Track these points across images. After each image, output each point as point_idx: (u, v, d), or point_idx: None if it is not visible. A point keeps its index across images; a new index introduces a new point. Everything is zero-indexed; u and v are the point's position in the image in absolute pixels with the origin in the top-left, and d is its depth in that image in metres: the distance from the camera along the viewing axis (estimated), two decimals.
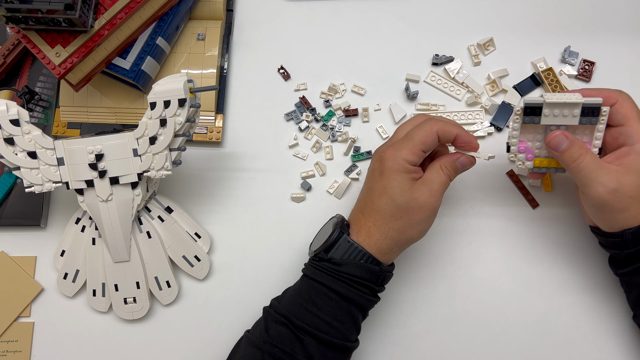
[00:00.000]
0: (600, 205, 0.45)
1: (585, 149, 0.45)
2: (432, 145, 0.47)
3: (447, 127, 0.46)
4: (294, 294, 0.49)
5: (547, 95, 0.45)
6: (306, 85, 0.62)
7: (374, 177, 0.48)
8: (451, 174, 0.47)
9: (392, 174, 0.46)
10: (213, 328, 0.56)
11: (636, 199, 0.44)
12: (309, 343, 0.45)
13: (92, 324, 0.57)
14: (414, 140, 0.46)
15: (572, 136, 0.46)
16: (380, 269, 0.47)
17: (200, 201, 0.59)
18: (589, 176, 0.45)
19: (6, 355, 0.56)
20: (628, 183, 0.44)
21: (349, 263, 0.46)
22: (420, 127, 0.47)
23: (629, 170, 0.44)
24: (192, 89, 0.50)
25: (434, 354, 0.55)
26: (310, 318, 0.46)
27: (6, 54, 0.60)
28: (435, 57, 0.62)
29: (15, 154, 0.50)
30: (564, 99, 0.44)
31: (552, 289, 0.55)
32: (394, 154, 0.46)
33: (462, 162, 0.48)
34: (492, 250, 0.57)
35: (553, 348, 0.54)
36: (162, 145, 0.50)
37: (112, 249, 0.53)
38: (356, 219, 0.49)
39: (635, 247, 0.46)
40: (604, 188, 0.44)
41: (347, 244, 0.47)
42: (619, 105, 0.46)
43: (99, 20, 0.52)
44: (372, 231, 0.47)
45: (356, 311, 0.47)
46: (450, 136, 0.47)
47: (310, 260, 0.50)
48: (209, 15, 0.62)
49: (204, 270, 0.56)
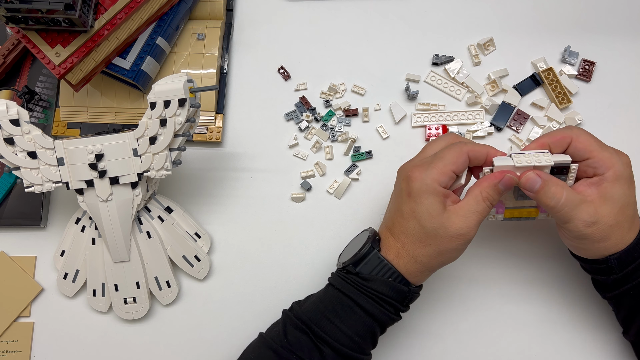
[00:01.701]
0: (582, 238, 0.45)
1: (560, 186, 0.43)
2: (463, 167, 0.45)
3: (478, 148, 0.45)
4: (317, 301, 0.48)
5: (516, 158, 0.45)
6: (306, 85, 0.62)
7: (402, 199, 0.46)
8: (493, 199, 0.44)
9: (420, 197, 0.44)
10: (213, 328, 0.56)
11: (615, 226, 0.43)
12: (328, 354, 0.45)
13: (92, 324, 0.57)
14: (445, 160, 0.44)
15: (545, 175, 0.44)
16: (409, 290, 0.45)
17: (200, 201, 0.59)
18: (569, 214, 0.43)
19: (6, 355, 0.56)
20: (606, 213, 0.43)
21: (378, 280, 0.45)
22: (451, 148, 0.45)
23: (605, 200, 0.43)
24: (192, 89, 0.50)
25: (434, 354, 0.55)
26: (331, 329, 0.45)
27: (6, 54, 0.60)
28: (435, 57, 0.62)
29: (15, 154, 0.50)
30: (534, 162, 0.44)
31: (552, 289, 0.55)
32: (422, 175, 0.44)
33: (506, 182, 0.44)
34: (492, 250, 0.57)
35: (553, 348, 0.54)
36: (162, 145, 0.50)
37: (112, 249, 0.53)
38: (385, 237, 0.47)
39: (621, 272, 0.45)
40: (583, 223, 0.43)
41: (377, 260, 0.45)
42: (575, 141, 0.44)
43: (99, 20, 0.52)
44: (401, 253, 0.45)
45: (377, 328, 0.46)
46: (481, 158, 0.45)
47: (338, 271, 0.49)
48: (209, 15, 0.62)
49: (204, 270, 0.56)
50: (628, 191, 0.44)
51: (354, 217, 0.58)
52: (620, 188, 0.43)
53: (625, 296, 0.47)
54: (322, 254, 0.57)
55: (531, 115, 0.60)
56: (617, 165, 0.44)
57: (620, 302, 0.48)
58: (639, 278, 0.45)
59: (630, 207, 0.44)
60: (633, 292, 0.46)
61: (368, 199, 0.59)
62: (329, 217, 0.58)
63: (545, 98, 0.60)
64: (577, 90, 0.60)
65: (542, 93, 0.61)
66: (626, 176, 0.44)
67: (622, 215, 0.44)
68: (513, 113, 0.60)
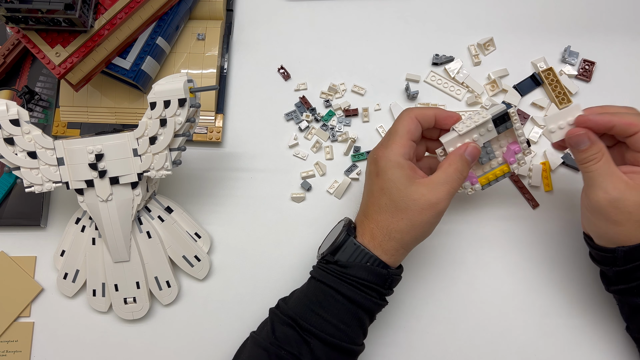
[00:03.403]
0: (598, 211, 0.45)
1: (602, 152, 0.44)
2: (417, 132, 0.47)
3: (423, 110, 0.48)
4: (301, 295, 0.49)
5: (457, 127, 0.47)
6: (306, 85, 0.62)
7: (372, 180, 0.48)
8: (462, 169, 0.46)
9: (387, 172, 0.46)
10: (213, 328, 0.56)
11: (635, 216, 0.43)
12: (316, 345, 0.45)
13: (92, 324, 0.57)
14: (399, 132, 0.47)
15: (594, 136, 0.45)
16: (388, 272, 0.46)
17: (200, 201, 0.59)
18: (596, 179, 0.44)
19: (6, 355, 0.56)
20: (631, 198, 0.43)
21: (356, 266, 0.46)
22: (399, 119, 0.48)
23: (638, 187, 0.43)
24: (192, 89, 0.50)
25: (434, 354, 0.55)
26: (316, 320, 0.46)
27: (6, 54, 0.60)
28: (435, 57, 0.62)
29: (15, 154, 0.50)
30: (473, 124, 0.46)
31: (552, 288, 0.55)
32: (385, 152, 0.47)
33: (471, 151, 0.47)
34: (492, 250, 0.57)
35: (553, 348, 0.54)
36: (162, 145, 0.50)
37: (112, 249, 0.53)
38: (360, 221, 0.48)
39: (624, 266, 0.45)
40: (605, 194, 0.44)
41: (354, 247, 0.46)
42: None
43: (99, 20, 0.52)
44: (375, 233, 0.46)
45: (363, 314, 0.47)
46: (430, 118, 0.48)
47: (318, 263, 0.50)
48: (209, 15, 0.62)
49: (204, 270, 0.56)
50: None
51: (354, 217, 0.58)
52: None
53: (629, 293, 0.47)
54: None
55: (531, 115, 0.60)
56: None
57: (622, 299, 0.48)
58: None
59: None
60: (637, 291, 0.46)
61: None
62: (329, 217, 0.58)
63: (545, 98, 0.60)
64: (577, 90, 0.60)
65: (542, 93, 0.61)
66: None
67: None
68: None
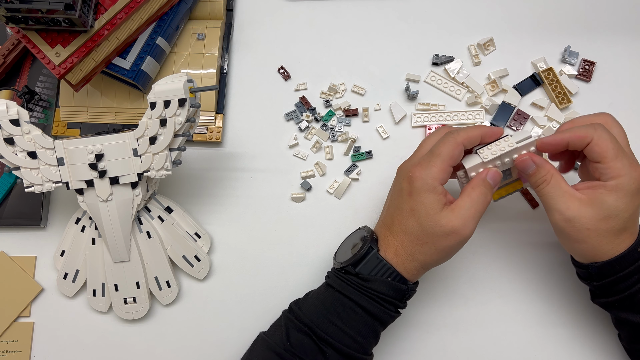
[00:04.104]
0: (559, 231, 0.45)
1: (551, 174, 0.45)
2: (459, 158, 0.46)
3: (469, 134, 0.46)
4: (317, 303, 0.48)
5: (482, 153, 0.46)
6: (306, 85, 0.62)
7: (402, 198, 0.46)
8: (485, 193, 0.45)
9: (420, 195, 0.44)
10: (213, 328, 0.56)
11: (594, 233, 0.43)
12: (332, 355, 0.45)
13: (92, 324, 0.57)
14: (442, 156, 0.45)
15: (539, 159, 0.45)
16: (407, 288, 0.46)
17: (200, 201, 0.59)
18: (549, 201, 0.45)
19: (6, 355, 0.56)
20: (586, 215, 0.43)
21: (377, 280, 0.45)
22: (446, 142, 0.45)
23: (593, 203, 0.43)
24: (192, 89, 0.50)
25: (434, 354, 0.55)
26: (334, 331, 0.46)
27: (6, 54, 0.60)
28: (435, 57, 0.62)
29: (15, 154, 0.50)
30: (499, 152, 0.46)
31: (552, 288, 0.55)
32: (423, 174, 0.45)
33: (493, 175, 0.46)
34: (492, 250, 0.57)
35: (553, 348, 0.54)
36: (162, 145, 0.50)
37: (112, 249, 0.53)
38: (384, 235, 0.47)
39: (599, 282, 0.46)
40: (560, 215, 0.44)
41: (377, 260, 0.46)
42: (594, 144, 0.44)
43: (99, 20, 0.52)
44: (399, 251, 0.46)
45: (379, 327, 0.47)
46: (476, 140, 0.46)
47: (336, 272, 0.49)
48: (209, 15, 0.62)
49: (204, 270, 0.56)
50: (623, 205, 0.43)
51: (354, 217, 0.58)
52: (614, 198, 0.43)
53: (611, 307, 0.48)
54: (322, 254, 0.57)
55: (531, 115, 0.60)
56: (624, 177, 0.43)
57: (609, 311, 0.49)
58: (622, 293, 0.45)
59: (618, 220, 0.43)
60: (618, 305, 0.46)
61: (368, 199, 0.59)
62: (329, 217, 0.58)
63: (545, 98, 0.60)
64: (577, 90, 0.60)
65: (542, 93, 0.61)
66: (628, 190, 0.43)
67: (605, 224, 0.43)
68: (513, 113, 0.60)
